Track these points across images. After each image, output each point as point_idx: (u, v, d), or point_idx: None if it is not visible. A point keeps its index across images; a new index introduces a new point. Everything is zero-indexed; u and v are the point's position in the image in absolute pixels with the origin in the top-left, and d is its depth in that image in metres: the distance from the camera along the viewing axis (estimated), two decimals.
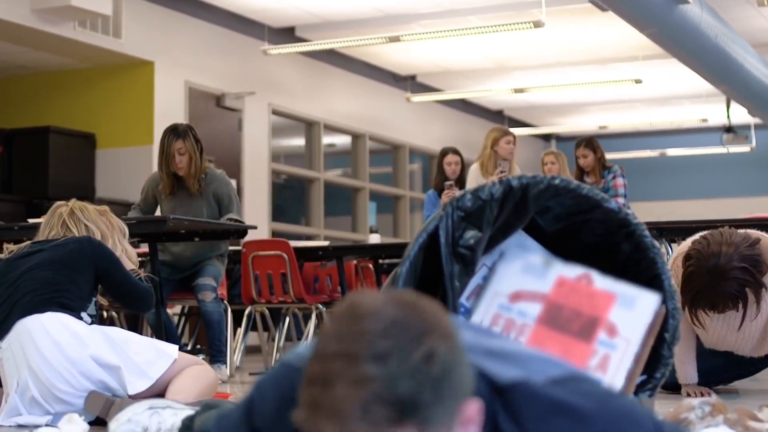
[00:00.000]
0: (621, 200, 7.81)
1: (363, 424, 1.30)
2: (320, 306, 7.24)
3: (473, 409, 1.37)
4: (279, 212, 12.81)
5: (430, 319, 1.35)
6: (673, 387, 4.67)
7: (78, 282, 3.85)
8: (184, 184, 6.42)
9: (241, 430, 1.74)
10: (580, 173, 8.17)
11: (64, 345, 3.64)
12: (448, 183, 7.96)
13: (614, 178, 8.03)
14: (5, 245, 4.14)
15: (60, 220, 4.06)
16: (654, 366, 2.66)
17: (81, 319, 3.79)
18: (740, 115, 15.18)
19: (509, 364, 1.56)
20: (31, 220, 6.15)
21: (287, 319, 8.06)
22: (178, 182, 6.43)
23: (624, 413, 1.53)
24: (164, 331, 5.88)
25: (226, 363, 6.29)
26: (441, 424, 1.33)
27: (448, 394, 1.33)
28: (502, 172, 7.80)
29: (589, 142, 8.18)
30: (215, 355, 6.26)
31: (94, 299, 3.95)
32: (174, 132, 6.34)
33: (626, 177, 8.16)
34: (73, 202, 4.15)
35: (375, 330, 1.32)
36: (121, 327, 7.13)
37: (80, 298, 3.83)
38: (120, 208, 9.83)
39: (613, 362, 2.35)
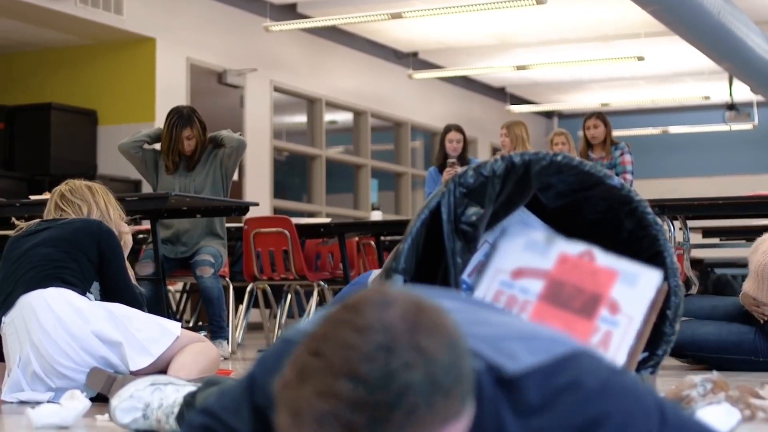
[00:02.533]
0: (629, 177, 7.80)
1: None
2: (322, 283, 7.25)
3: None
4: (281, 189, 12.81)
5: (423, 344, 1.31)
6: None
7: (79, 260, 3.83)
8: (185, 158, 6.47)
9: (243, 406, 1.73)
10: (587, 147, 8.13)
11: (67, 320, 3.64)
12: (450, 160, 7.95)
13: (622, 154, 8.00)
14: (15, 221, 4.14)
15: (54, 205, 4.07)
16: (656, 343, 2.66)
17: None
18: (743, 92, 15.15)
19: (514, 350, 1.56)
20: (32, 197, 6.13)
21: (289, 296, 8.06)
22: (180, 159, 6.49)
23: (627, 390, 1.53)
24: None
25: (227, 339, 6.30)
26: None
27: (411, 428, 1.29)
28: None
29: (600, 114, 8.18)
30: (216, 331, 6.27)
31: (95, 283, 3.92)
32: (181, 118, 6.34)
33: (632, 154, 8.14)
34: (63, 185, 4.13)
35: (364, 350, 1.30)
36: None
37: (82, 278, 3.82)
38: (121, 184, 9.85)
39: (615, 339, 2.35)
